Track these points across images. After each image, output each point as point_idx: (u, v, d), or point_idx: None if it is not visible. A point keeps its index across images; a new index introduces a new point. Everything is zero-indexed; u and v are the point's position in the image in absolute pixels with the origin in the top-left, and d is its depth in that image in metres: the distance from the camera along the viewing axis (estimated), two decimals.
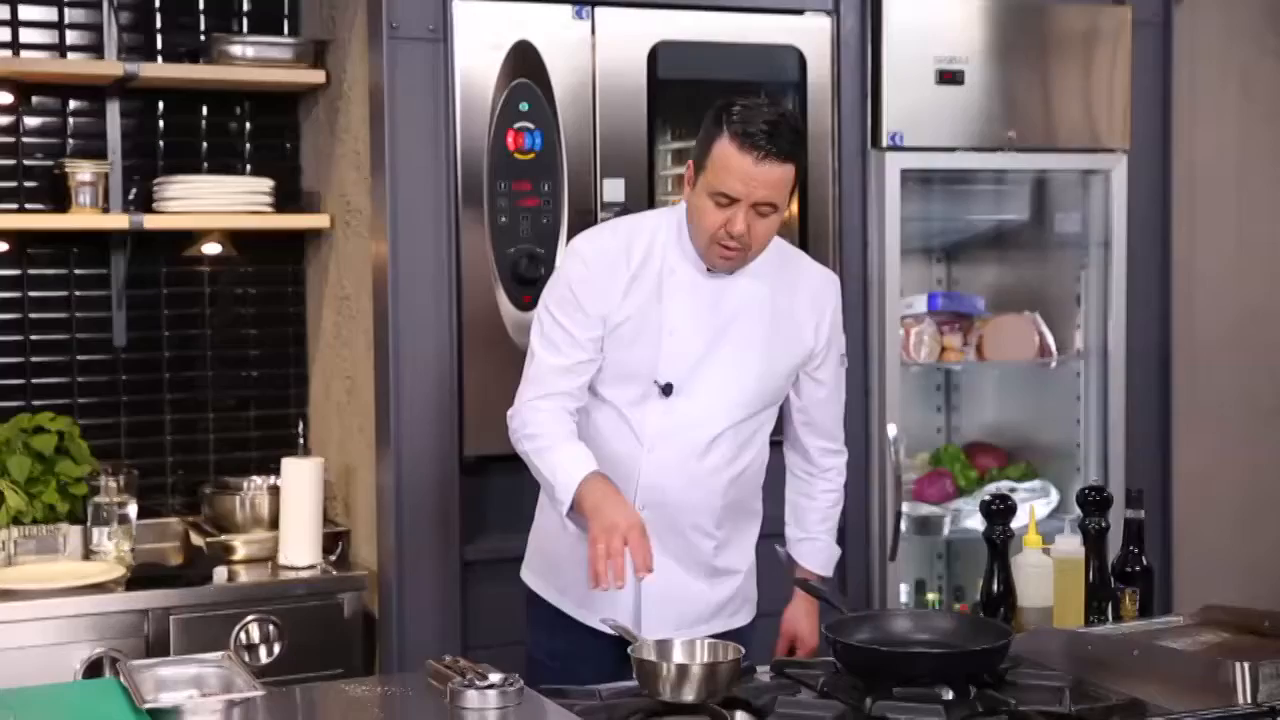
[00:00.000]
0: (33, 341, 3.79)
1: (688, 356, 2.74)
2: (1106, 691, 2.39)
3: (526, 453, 2.76)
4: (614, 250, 2.76)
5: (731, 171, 2.60)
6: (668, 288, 2.74)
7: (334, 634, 3.48)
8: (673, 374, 2.74)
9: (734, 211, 2.62)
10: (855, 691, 2.34)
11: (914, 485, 4.15)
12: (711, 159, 2.62)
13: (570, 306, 2.74)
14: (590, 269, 2.75)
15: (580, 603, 2.84)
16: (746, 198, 2.61)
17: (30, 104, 3.77)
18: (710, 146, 2.63)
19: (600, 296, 2.73)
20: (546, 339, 2.77)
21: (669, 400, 2.75)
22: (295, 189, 3.97)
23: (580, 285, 2.74)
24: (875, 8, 3.80)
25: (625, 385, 2.77)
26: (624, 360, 2.75)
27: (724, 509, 2.83)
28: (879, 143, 3.82)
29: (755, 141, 2.58)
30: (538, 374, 2.77)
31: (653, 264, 2.75)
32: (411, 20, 3.40)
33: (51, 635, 3.25)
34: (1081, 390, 4.17)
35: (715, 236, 2.66)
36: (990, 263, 4.42)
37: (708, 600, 2.86)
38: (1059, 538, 2.90)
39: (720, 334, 2.76)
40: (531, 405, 2.76)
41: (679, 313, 2.74)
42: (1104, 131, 4.08)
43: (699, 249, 2.72)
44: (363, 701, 2.40)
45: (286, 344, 4.03)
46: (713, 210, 2.64)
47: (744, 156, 2.59)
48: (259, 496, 3.72)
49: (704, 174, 2.65)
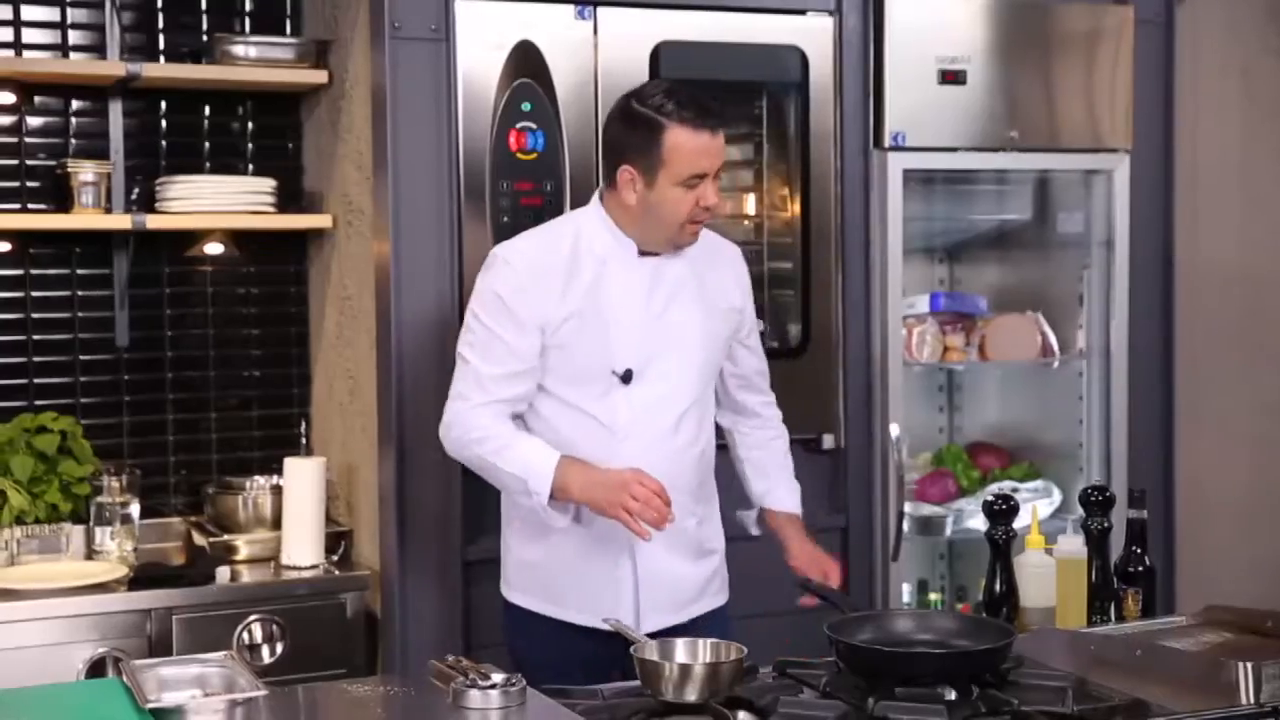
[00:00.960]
0: (35, 341, 3.79)
1: (638, 342, 2.81)
2: (1109, 692, 2.38)
3: (480, 455, 2.79)
4: (541, 256, 2.82)
5: (695, 152, 2.73)
6: (605, 278, 2.80)
7: (336, 634, 3.48)
8: (628, 360, 2.80)
9: (704, 187, 2.76)
10: (857, 691, 2.34)
11: (916, 485, 4.15)
12: (669, 150, 2.73)
13: (503, 316, 2.78)
14: (522, 278, 2.79)
15: (580, 606, 2.85)
16: (712, 170, 2.76)
17: (33, 104, 3.77)
18: (659, 142, 2.73)
19: (535, 305, 2.77)
20: (481, 349, 2.80)
21: (630, 387, 2.80)
22: (297, 189, 3.98)
23: (513, 295, 2.78)
24: (877, 7, 3.80)
25: (584, 383, 2.81)
26: (575, 358, 2.80)
27: (698, 486, 2.91)
28: (881, 143, 3.82)
29: (704, 120, 2.74)
30: (476, 382, 2.80)
31: (583, 260, 2.81)
32: (414, 20, 3.40)
33: (54, 635, 3.25)
34: (1084, 390, 4.17)
35: (690, 216, 2.77)
36: (992, 263, 4.42)
37: (694, 581, 2.92)
38: (1061, 538, 2.90)
39: (662, 314, 2.83)
40: (472, 410, 2.79)
41: (620, 300, 2.81)
42: (1106, 131, 4.08)
43: (667, 238, 2.81)
44: (365, 701, 2.40)
45: (289, 344, 4.03)
46: (685, 196, 2.75)
47: (699, 136, 2.73)
48: (261, 496, 3.73)
49: (664, 169, 2.74)
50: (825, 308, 3.80)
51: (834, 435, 3.82)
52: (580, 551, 2.85)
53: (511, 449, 2.76)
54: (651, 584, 2.85)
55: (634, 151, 2.76)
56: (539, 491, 2.72)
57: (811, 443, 3.81)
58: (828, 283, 3.80)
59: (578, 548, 2.85)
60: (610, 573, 2.86)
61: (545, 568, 2.89)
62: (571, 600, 2.86)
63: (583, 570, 2.86)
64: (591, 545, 2.85)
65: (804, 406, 3.77)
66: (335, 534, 3.67)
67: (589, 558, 2.86)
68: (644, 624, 2.82)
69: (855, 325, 3.83)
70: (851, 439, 3.84)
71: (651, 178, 2.75)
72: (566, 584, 2.87)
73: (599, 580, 2.86)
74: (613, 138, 2.83)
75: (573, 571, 2.87)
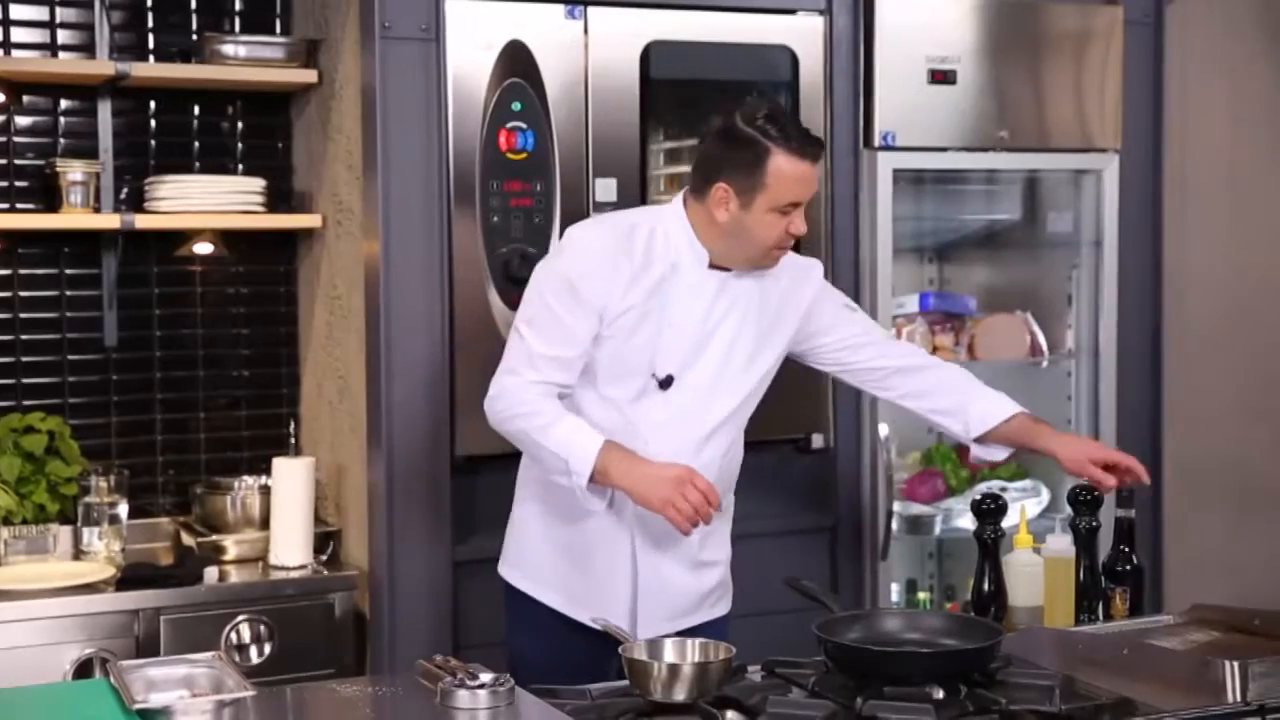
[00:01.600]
0: (23, 341, 3.78)
1: (685, 350, 2.79)
2: (1097, 690, 2.39)
3: (524, 430, 2.76)
4: (615, 244, 2.79)
5: (797, 181, 2.73)
6: (673, 284, 2.79)
7: (325, 634, 3.48)
8: (671, 366, 2.79)
9: (795, 214, 2.76)
10: (846, 691, 2.35)
11: (905, 485, 4.16)
12: (771, 176, 2.71)
13: (568, 298, 2.75)
14: (591, 262, 2.77)
15: (574, 600, 2.86)
16: (807, 199, 2.77)
17: (21, 103, 3.76)
18: (763, 166, 2.71)
19: (601, 290, 2.75)
20: (539, 327, 2.77)
21: (667, 394, 2.79)
22: (287, 188, 3.97)
23: (581, 279, 2.76)
24: (868, 7, 3.80)
25: (623, 381, 2.80)
26: (622, 354, 2.78)
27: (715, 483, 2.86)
28: (871, 142, 3.83)
29: (806, 149, 2.73)
30: (529, 359, 2.77)
31: (655, 260, 2.78)
32: (404, 20, 3.40)
33: (42, 636, 3.24)
34: (1073, 389, 4.18)
35: (779, 242, 2.77)
36: (982, 262, 4.43)
37: (695, 591, 2.91)
38: (1050, 537, 2.91)
39: (717, 328, 2.82)
40: (522, 386, 2.77)
41: (681, 306, 2.79)
42: (1095, 131, 4.09)
43: (751, 258, 2.80)
44: (354, 701, 2.40)
45: (278, 344, 4.02)
46: (778, 221, 2.74)
47: (802, 164, 2.73)
48: (250, 496, 3.72)
49: (762, 194, 2.72)
50: None
51: (823, 435, 3.82)
52: (585, 550, 2.86)
53: (556, 427, 2.74)
54: (650, 593, 2.85)
55: (734, 170, 2.74)
56: (579, 472, 2.70)
57: (800, 442, 3.82)
58: None
59: (583, 546, 2.86)
60: (609, 576, 2.86)
61: (551, 556, 2.89)
62: (569, 593, 2.87)
63: (585, 567, 2.87)
64: (595, 546, 2.85)
65: (793, 407, 3.77)
66: (324, 534, 3.66)
67: (591, 557, 2.86)
68: (641, 631, 2.81)
69: None
70: (840, 439, 3.85)
71: (748, 199, 2.73)
72: (567, 577, 2.88)
73: (598, 581, 2.86)
74: (712, 153, 2.79)
75: (575, 567, 2.88)
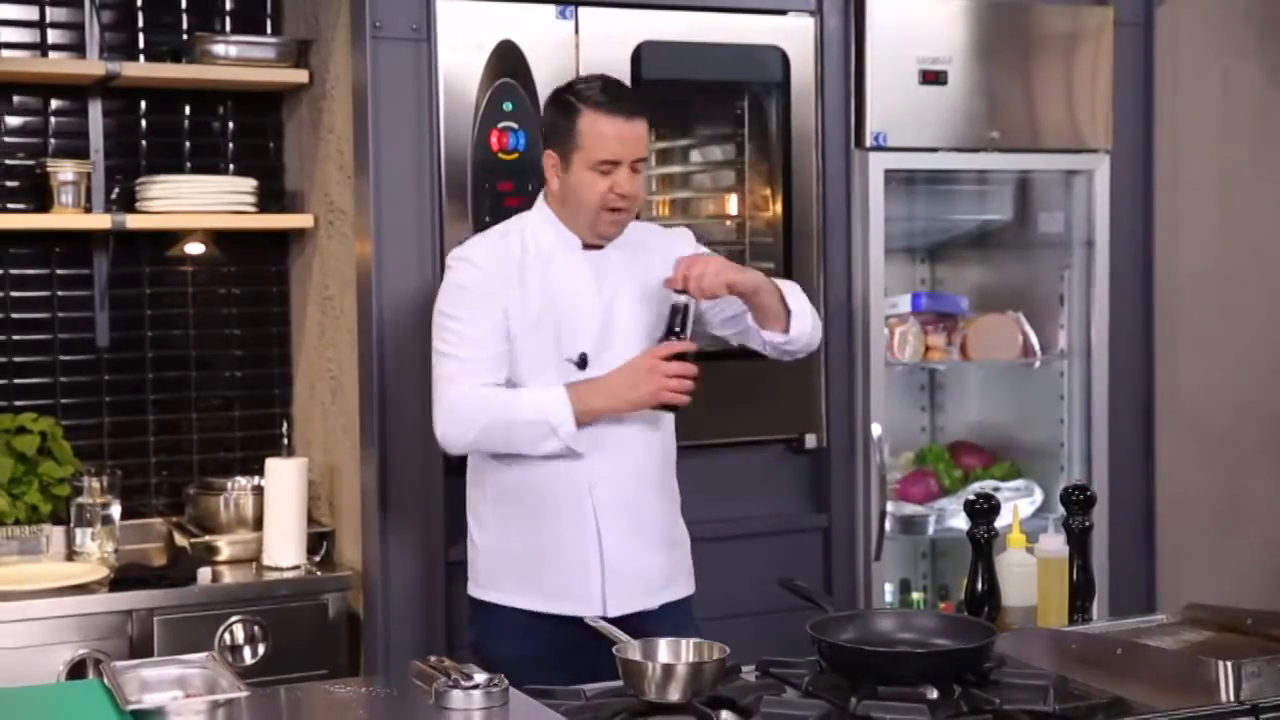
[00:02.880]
0: (15, 341, 3.77)
1: (589, 329, 2.88)
2: (1090, 690, 2.39)
3: (492, 421, 2.85)
4: (497, 251, 2.91)
5: (609, 136, 2.81)
6: (552, 273, 2.89)
7: (318, 634, 3.48)
8: (582, 346, 2.87)
9: (617, 174, 2.82)
10: (840, 691, 2.35)
11: (898, 485, 4.16)
12: (582, 135, 2.81)
13: (468, 306, 2.87)
14: (481, 268, 2.89)
15: (546, 593, 2.90)
16: (626, 157, 2.82)
17: (11, 103, 3.76)
18: (573, 126, 2.82)
19: (497, 290, 2.87)
20: (455, 340, 2.88)
21: (587, 372, 2.86)
22: (278, 189, 3.97)
23: (475, 285, 2.88)
24: (858, 8, 3.81)
25: (542, 372, 2.87)
26: (532, 347, 2.87)
27: (662, 477, 2.96)
28: (862, 143, 3.83)
29: (618, 105, 2.82)
30: (461, 368, 2.87)
31: (531, 256, 2.90)
32: (395, 20, 3.40)
33: (35, 636, 3.24)
34: (1065, 390, 4.18)
35: (604, 202, 2.84)
36: (974, 263, 4.43)
37: (660, 569, 2.96)
38: (1043, 537, 2.91)
39: (610, 304, 2.90)
40: (467, 389, 2.85)
41: (568, 290, 2.89)
42: (1086, 132, 4.09)
43: (584, 224, 2.88)
44: (347, 702, 2.39)
45: (270, 344, 4.02)
46: (598, 180, 2.82)
47: (614, 120, 2.81)
48: (243, 497, 3.72)
49: (578, 153, 2.82)
50: None
51: (816, 435, 3.83)
52: (548, 539, 2.90)
53: (518, 398, 2.84)
54: (617, 571, 2.89)
55: (555, 136, 2.87)
56: (565, 421, 2.79)
57: (793, 442, 3.82)
58: (810, 283, 3.79)
59: (544, 535, 2.90)
60: (578, 559, 2.89)
61: (513, 557, 2.93)
62: (539, 588, 2.90)
63: (551, 557, 2.90)
64: (558, 532, 2.89)
65: (786, 406, 3.78)
66: (317, 535, 3.66)
67: (558, 545, 2.90)
68: (610, 608, 2.87)
69: (837, 325, 3.84)
70: (834, 439, 3.85)
71: (568, 162, 2.84)
72: (534, 572, 2.91)
73: (566, 567, 2.90)
74: (542, 126, 2.95)
75: (540, 558, 2.91)
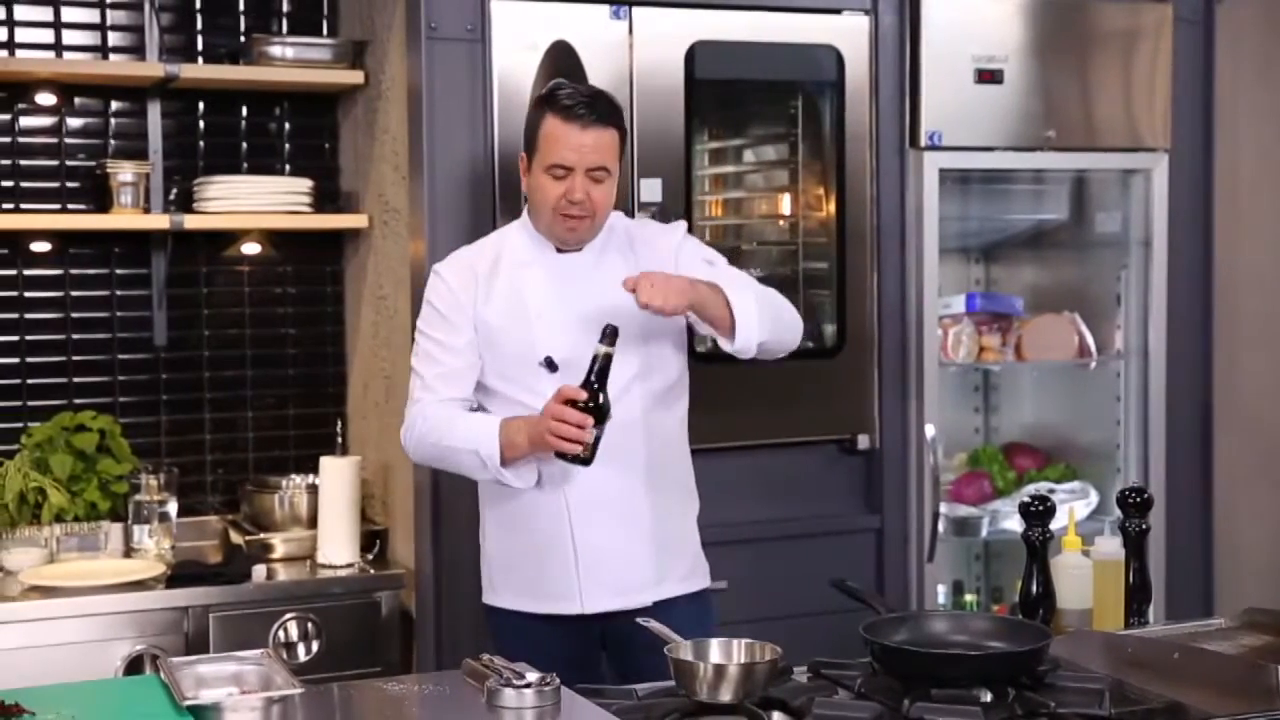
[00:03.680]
0: (74, 341, 3.82)
1: (558, 331, 2.85)
2: (1146, 694, 2.37)
3: (435, 445, 2.87)
4: (466, 262, 2.94)
5: (561, 142, 2.79)
6: (524, 278, 2.89)
7: (371, 632, 3.50)
8: (551, 349, 2.85)
9: (570, 180, 2.80)
10: (893, 693, 2.33)
11: (952, 486, 4.14)
12: (541, 138, 2.82)
13: (437, 320, 2.91)
14: (448, 283, 2.92)
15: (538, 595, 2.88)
16: (579, 165, 2.79)
17: (73, 105, 3.80)
18: (538, 129, 2.83)
19: (464, 306, 2.89)
20: (423, 356, 2.93)
21: (557, 375, 2.83)
22: (334, 189, 3.99)
23: (441, 299, 2.91)
24: (914, 7, 3.79)
25: (515, 375, 2.87)
26: (504, 351, 2.88)
27: (651, 466, 2.88)
28: (917, 142, 3.81)
29: (575, 112, 2.79)
30: (423, 385, 2.92)
31: (505, 261, 2.91)
32: (450, 20, 3.41)
33: (93, 632, 3.28)
34: (1121, 391, 4.14)
35: (557, 208, 2.82)
36: (1029, 263, 4.40)
37: (644, 564, 2.88)
38: (1099, 539, 2.88)
39: (581, 303, 2.85)
40: (422, 407, 2.88)
41: (540, 294, 2.87)
42: (1144, 130, 4.05)
43: (544, 227, 2.88)
44: (400, 700, 2.40)
45: (325, 343, 4.04)
46: (551, 184, 2.81)
47: (569, 127, 2.79)
48: (297, 495, 3.75)
49: (536, 155, 2.83)
50: (860, 308, 3.79)
51: (869, 436, 3.81)
52: (536, 538, 2.89)
53: (456, 425, 2.84)
54: (592, 563, 2.85)
55: (527, 135, 2.88)
56: (490, 454, 2.78)
57: (846, 443, 3.80)
58: (863, 283, 3.79)
59: (528, 536, 2.89)
60: (558, 554, 2.87)
61: (513, 561, 2.93)
62: (531, 590, 2.90)
63: (541, 556, 2.89)
64: (541, 529, 2.88)
65: (839, 407, 3.76)
66: (370, 533, 3.68)
67: (549, 544, 2.87)
68: (586, 604, 2.85)
69: (891, 325, 3.82)
70: (887, 440, 3.83)
71: (530, 162, 2.86)
72: (526, 574, 2.91)
73: (548, 566, 2.88)
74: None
75: (526, 559, 2.91)
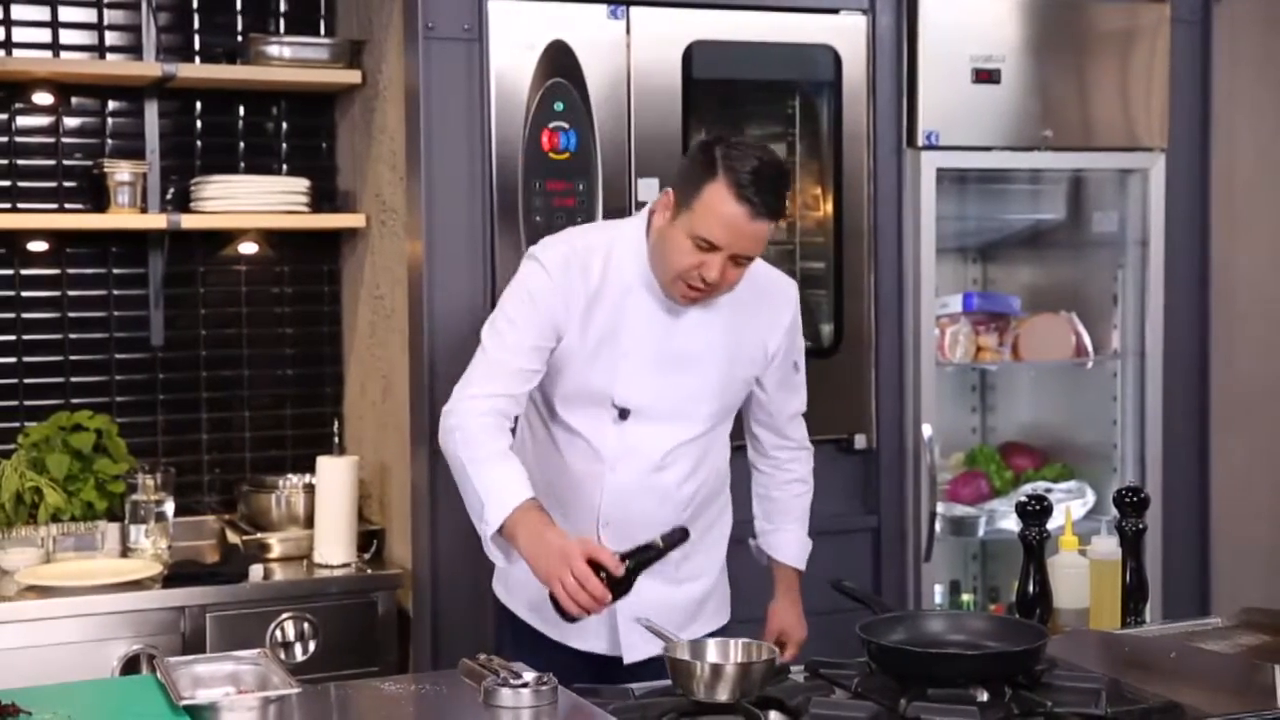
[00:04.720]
0: (71, 340, 3.82)
1: (644, 381, 2.70)
2: (1143, 694, 2.37)
3: (460, 458, 2.60)
4: (575, 264, 2.69)
5: (721, 220, 2.53)
6: (627, 309, 2.68)
7: (368, 632, 3.50)
8: (629, 398, 2.70)
9: (711, 258, 2.56)
10: (889, 692, 2.34)
11: (949, 486, 4.14)
12: (701, 201, 2.54)
13: (524, 306, 2.67)
14: (552, 278, 2.67)
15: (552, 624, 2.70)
16: (728, 248, 2.55)
17: (70, 105, 3.80)
18: (700, 187, 2.55)
19: (556, 304, 2.66)
20: (499, 335, 2.68)
21: (624, 425, 2.71)
22: (331, 189, 3.99)
23: (541, 292, 2.67)
24: (911, 6, 3.79)
25: (585, 407, 2.72)
26: (584, 379, 2.70)
27: (689, 520, 2.73)
28: (914, 142, 3.81)
29: (749, 195, 2.51)
30: (487, 368, 2.67)
31: (611, 282, 2.68)
32: (447, 20, 3.41)
33: (89, 632, 3.28)
34: (1118, 390, 4.15)
35: (685, 276, 2.59)
36: (1026, 262, 4.40)
37: (679, 606, 2.79)
38: (1095, 539, 2.89)
39: (678, 359, 2.70)
40: (471, 404, 2.64)
41: (635, 337, 2.68)
42: (1142, 130, 4.06)
43: (662, 281, 2.65)
44: (397, 699, 2.40)
45: (322, 343, 4.04)
46: (690, 251, 2.57)
47: (738, 208, 2.52)
48: (294, 495, 3.74)
49: (688, 213, 2.56)
50: (857, 307, 3.79)
51: (866, 435, 3.81)
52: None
53: (489, 466, 2.57)
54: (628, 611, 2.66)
55: (683, 180, 2.60)
56: (490, 522, 2.53)
57: (843, 443, 3.80)
58: (860, 282, 3.79)
59: None
60: None
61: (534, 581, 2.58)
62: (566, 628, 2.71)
63: None
64: None
65: (836, 407, 3.76)
66: (367, 533, 3.68)
67: None
68: (627, 655, 2.75)
69: (887, 325, 3.82)
70: (883, 439, 3.83)
71: (677, 213, 2.59)
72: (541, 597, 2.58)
73: None
74: (684, 160, 2.71)
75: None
